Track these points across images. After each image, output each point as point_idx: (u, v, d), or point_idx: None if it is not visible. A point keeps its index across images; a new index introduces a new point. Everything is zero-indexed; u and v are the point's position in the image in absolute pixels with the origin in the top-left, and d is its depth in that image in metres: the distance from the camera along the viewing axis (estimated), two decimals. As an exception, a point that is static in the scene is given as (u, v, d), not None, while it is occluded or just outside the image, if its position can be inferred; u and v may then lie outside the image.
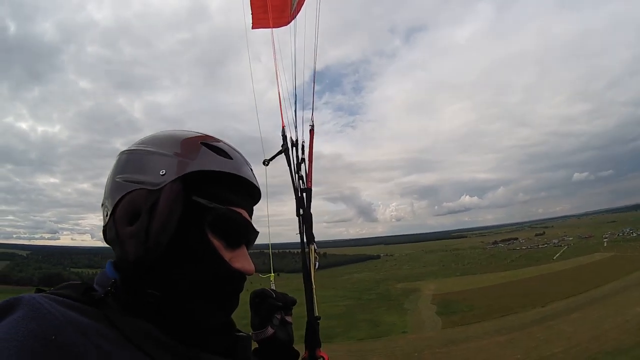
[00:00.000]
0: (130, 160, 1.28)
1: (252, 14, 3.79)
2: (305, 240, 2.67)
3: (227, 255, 1.25)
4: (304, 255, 2.63)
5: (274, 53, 3.13)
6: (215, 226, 1.24)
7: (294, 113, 3.05)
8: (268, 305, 1.79)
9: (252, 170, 1.41)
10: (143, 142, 1.32)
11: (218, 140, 1.36)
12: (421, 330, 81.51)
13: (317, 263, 2.63)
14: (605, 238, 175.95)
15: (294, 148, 2.86)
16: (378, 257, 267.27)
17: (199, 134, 1.37)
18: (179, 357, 1.11)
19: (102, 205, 1.30)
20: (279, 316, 1.81)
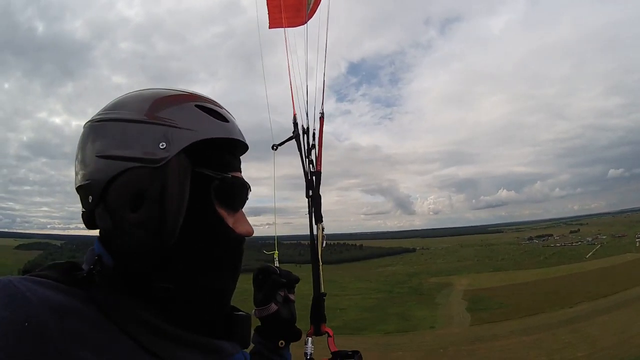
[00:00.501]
0: (110, 133, 1.07)
1: (268, 13, 3.72)
2: (314, 219, 2.71)
3: (230, 222, 1.16)
4: (312, 233, 2.67)
5: (287, 49, 3.17)
6: (220, 195, 1.14)
7: (305, 102, 3.05)
8: (272, 282, 1.72)
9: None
10: (119, 107, 1.12)
11: (207, 100, 1.20)
12: (449, 326, 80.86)
13: (325, 242, 2.67)
14: (638, 238, 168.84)
15: (305, 135, 2.91)
16: (414, 250, 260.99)
17: (185, 93, 1.18)
18: (169, 340, 1.02)
19: (80, 188, 1.10)
20: (282, 293, 1.74)
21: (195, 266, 1.09)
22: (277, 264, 2.08)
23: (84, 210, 1.12)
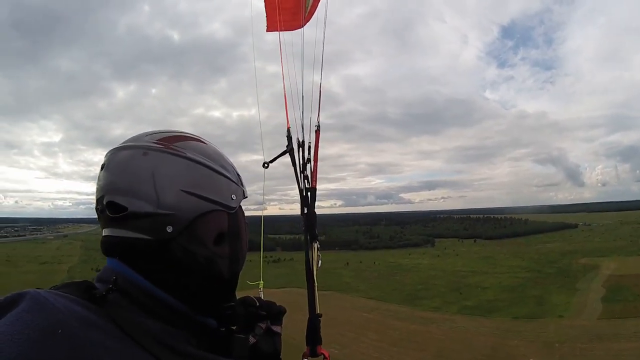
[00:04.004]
0: (201, 176, 1.16)
1: (266, 17, 3.38)
2: (308, 238, 2.47)
3: None
4: (307, 253, 2.42)
5: (281, 53, 2.84)
6: None
7: (301, 113, 2.75)
8: (249, 314, 1.51)
9: None
10: (202, 154, 1.20)
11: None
12: (578, 317, 74.48)
13: (320, 262, 2.44)
14: None
15: (301, 149, 2.61)
16: (576, 226, 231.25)
17: (228, 158, 1.32)
18: (183, 357, 1.02)
19: (152, 214, 1.07)
20: (263, 326, 1.50)
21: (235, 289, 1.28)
22: (261, 295, 1.87)
23: (144, 237, 1.08)
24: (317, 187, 2.54)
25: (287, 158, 2.59)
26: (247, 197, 1.30)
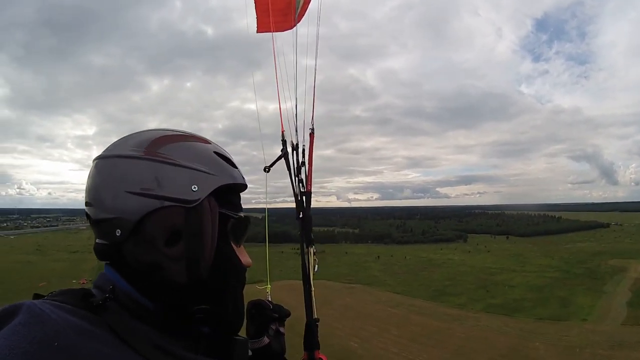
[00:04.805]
0: (144, 172, 1.03)
1: (257, 17, 3.26)
2: (304, 242, 2.36)
3: (237, 254, 1.19)
4: (303, 257, 2.32)
5: (275, 57, 2.70)
6: (234, 232, 1.17)
7: (295, 116, 2.60)
8: (265, 316, 1.59)
9: None
10: (149, 148, 1.07)
11: (218, 147, 1.21)
12: (601, 321, 73.24)
13: (317, 266, 2.32)
14: None
15: (295, 152, 2.49)
16: (608, 225, 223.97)
17: (203, 139, 1.20)
18: None
19: (102, 221, 1.04)
20: (274, 327, 1.59)
21: (219, 293, 1.11)
22: (269, 297, 1.85)
23: (104, 242, 1.06)
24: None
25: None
26: (230, 183, 1.13)
